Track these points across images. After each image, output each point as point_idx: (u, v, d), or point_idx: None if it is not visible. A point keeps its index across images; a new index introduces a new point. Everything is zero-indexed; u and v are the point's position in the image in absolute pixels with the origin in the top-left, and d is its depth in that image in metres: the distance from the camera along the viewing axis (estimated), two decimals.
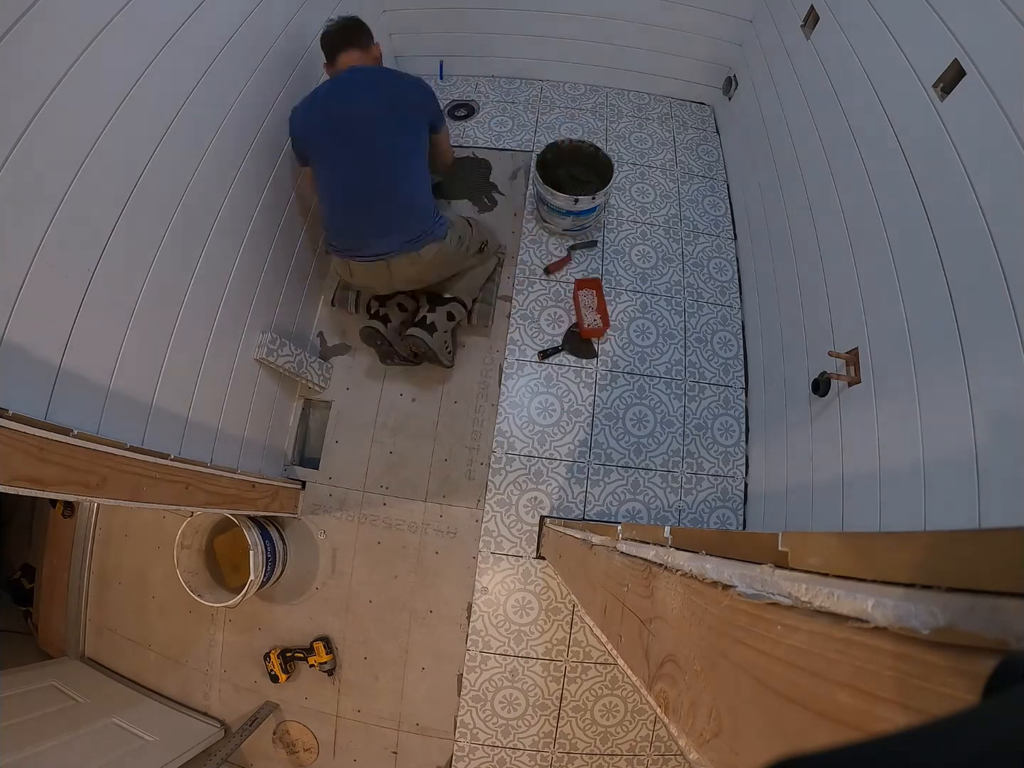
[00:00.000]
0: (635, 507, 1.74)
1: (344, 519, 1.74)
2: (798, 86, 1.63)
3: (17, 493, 0.81)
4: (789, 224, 1.65)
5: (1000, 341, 0.84)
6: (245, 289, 1.48)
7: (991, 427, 0.85)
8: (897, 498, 1.05)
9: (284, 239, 1.65)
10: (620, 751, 1.61)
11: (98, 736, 1.43)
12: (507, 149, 2.21)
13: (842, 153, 1.37)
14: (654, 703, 0.44)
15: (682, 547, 0.45)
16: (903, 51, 1.15)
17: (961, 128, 0.97)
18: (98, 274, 0.97)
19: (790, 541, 0.29)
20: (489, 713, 1.62)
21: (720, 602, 0.33)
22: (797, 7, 1.64)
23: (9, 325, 0.81)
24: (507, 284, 1.97)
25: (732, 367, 1.90)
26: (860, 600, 0.21)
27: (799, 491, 1.44)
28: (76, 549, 1.81)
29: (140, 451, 1.08)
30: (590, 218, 1.96)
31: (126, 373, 1.07)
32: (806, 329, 1.50)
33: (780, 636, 0.26)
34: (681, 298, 1.98)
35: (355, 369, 1.89)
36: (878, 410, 1.14)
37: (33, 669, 1.62)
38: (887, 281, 1.14)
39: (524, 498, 1.74)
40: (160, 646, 1.74)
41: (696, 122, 2.35)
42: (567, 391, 1.84)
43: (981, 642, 0.16)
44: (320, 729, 1.65)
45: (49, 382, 0.90)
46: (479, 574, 1.69)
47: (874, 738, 0.13)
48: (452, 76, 2.44)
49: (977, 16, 0.96)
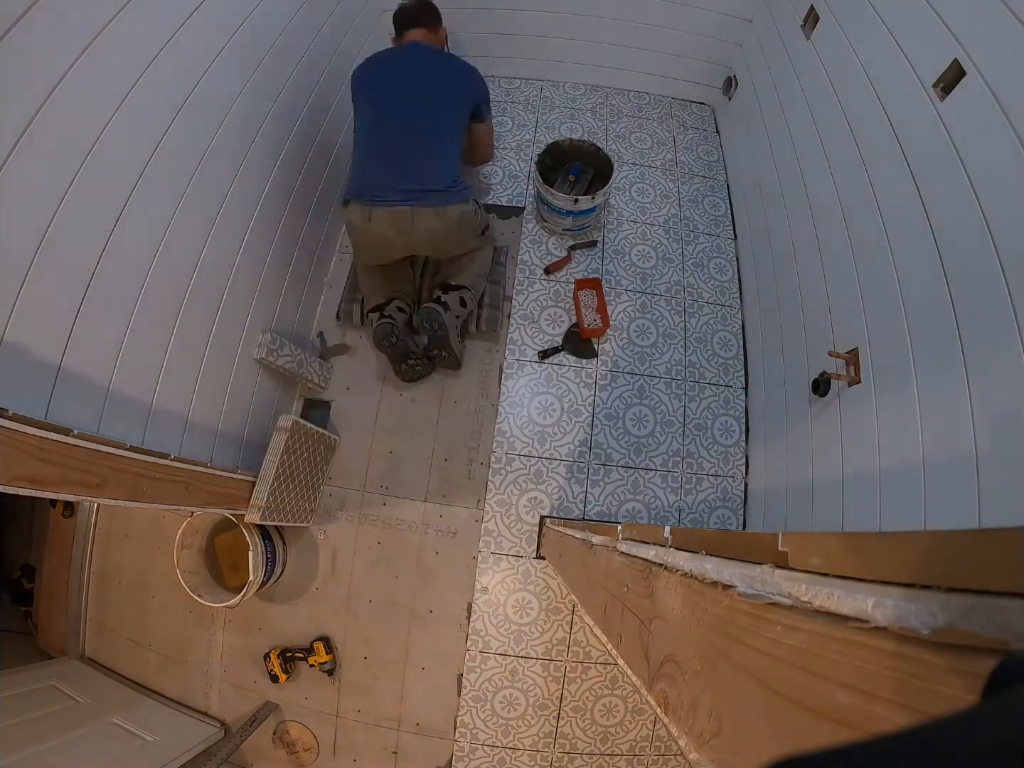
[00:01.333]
0: (635, 507, 1.74)
1: (344, 519, 1.74)
2: (798, 86, 1.63)
3: (17, 493, 0.81)
4: (789, 224, 1.65)
5: (1000, 341, 0.84)
6: (245, 288, 1.48)
7: (991, 427, 0.85)
8: (897, 498, 1.05)
9: (285, 238, 1.65)
10: (620, 751, 1.61)
11: (98, 736, 1.43)
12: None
13: (842, 153, 1.37)
14: (654, 703, 0.44)
15: (682, 547, 0.44)
16: (903, 51, 1.15)
17: (961, 128, 0.97)
18: (98, 274, 0.97)
19: (790, 541, 0.29)
20: (489, 713, 1.62)
21: (720, 602, 0.33)
22: (797, 7, 1.64)
23: (9, 325, 0.81)
24: (507, 284, 1.97)
25: (732, 367, 1.90)
26: (860, 600, 0.21)
27: (799, 491, 1.44)
28: (76, 549, 1.81)
29: (140, 451, 1.08)
30: (590, 218, 1.96)
31: (126, 373, 1.07)
32: (806, 329, 1.50)
33: (780, 636, 0.26)
34: (681, 298, 1.98)
35: (355, 369, 1.88)
36: (878, 410, 1.14)
37: (33, 669, 1.62)
38: (887, 281, 1.14)
39: (524, 498, 1.74)
40: (160, 646, 1.74)
41: (696, 122, 2.35)
42: (567, 391, 1.84)
43: (981, 642, 0.16)
44: (320, 729, 1.65)
45: (49, 382, 0.90)
46: (479, 574, 1.69)
47: (874, 738, 0.13)
48: None
49: (977, 16, 0.96)
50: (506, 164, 2.21)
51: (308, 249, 1.83)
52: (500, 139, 2.27)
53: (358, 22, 1.96)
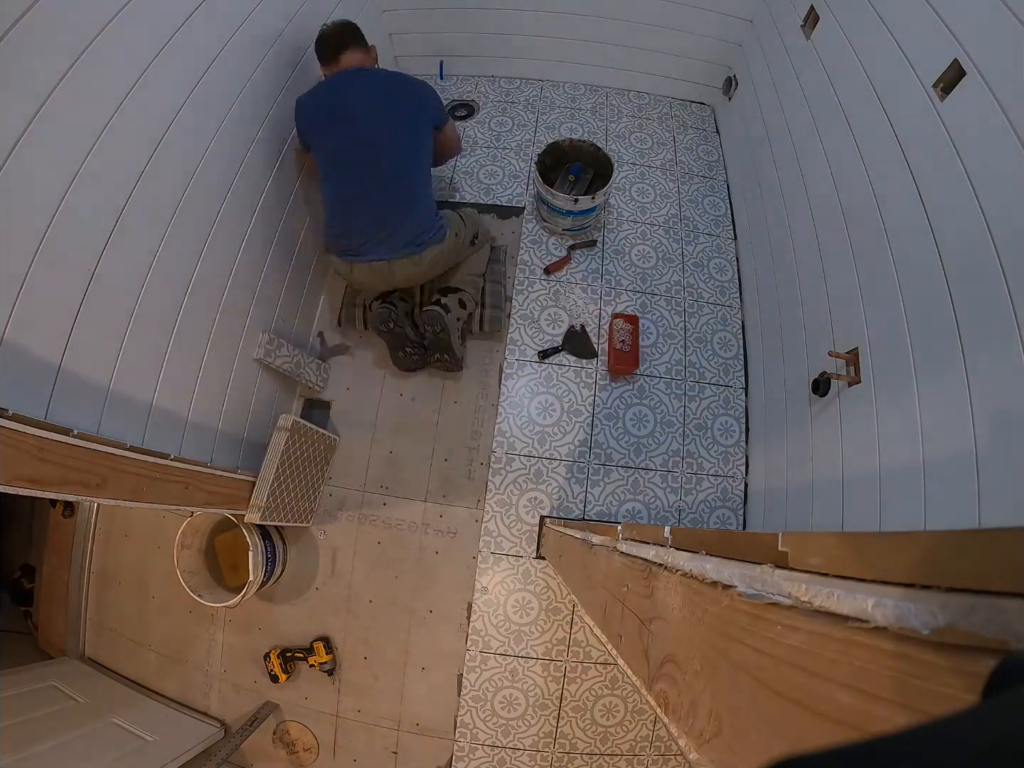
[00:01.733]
0: (635, 507, 1.74)
1: (344, 519, 1.74)
2: (798, 86, 1.63)
3: (17, 493, 0.81)
4: (789, 224, 1.65)
5: (1000, 341, 0.84)
6: (245, 289, 1.48)
7: (991, 427, 0.85)
8: (897, 498, 1.05)
9: (284, 237, 1.65)
10: (620, 751, 1.61)
11: (98, 736, 1.43)
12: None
13: (842, 153, 1.37)
14: (654, 703, 0.44)
15: (682, 547, 0.44)
16: (903, 51, 1.15)
17: (961, 128, 0.97)
18: (98, 274, 0.97)
19: (790, 541, 0.29)
20: (489, 713, 1.62)
21: (720, 602, 0.33)
22: (797, 7, 1.64)
23: (9, 325, 0.81)
24: (507, 284, 1.97)
25: (732, 367, 1.90)
26: (860, 600, 0.21)
27: (799, 491, 1.44)
28: (76, 549, 1.81)
29: (140, 451, 1.08)
30: (590, 218, 1.96)
31: (126, 373, 1.07)
32: (806, 329, 1.50)
33: (780, 636, 0.26)
34: (681, 298, 1.98)
35: (355, 369, 1.88)
36: (878, 410, 1.14)
37: (33, 669, 1.62)
38: (887, 281, 1.14)
39: (524, 498, 1.74)
40: (160, 646, 1.74)
41: (696, 122, 2.35)
42: (567, 391, 1.84)
43: (981, 642, 0.16)
44: (320, 729, 1.65)
45: (49, 382, 0.90)
46: (479, 574, 1.69)
47: (874, 738, 0.13)
48: (452, 76, 2.45)
49: (977, 16, 0.96)
50: (506, 164, 2.21)
51: (308, 249, 1.83)
52: (500, 138, 2.27)
53: (359, 20, 1.96)
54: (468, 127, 2.30)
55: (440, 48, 2.35)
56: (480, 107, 2.36)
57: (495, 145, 2.26)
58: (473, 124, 2.31)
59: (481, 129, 2.30)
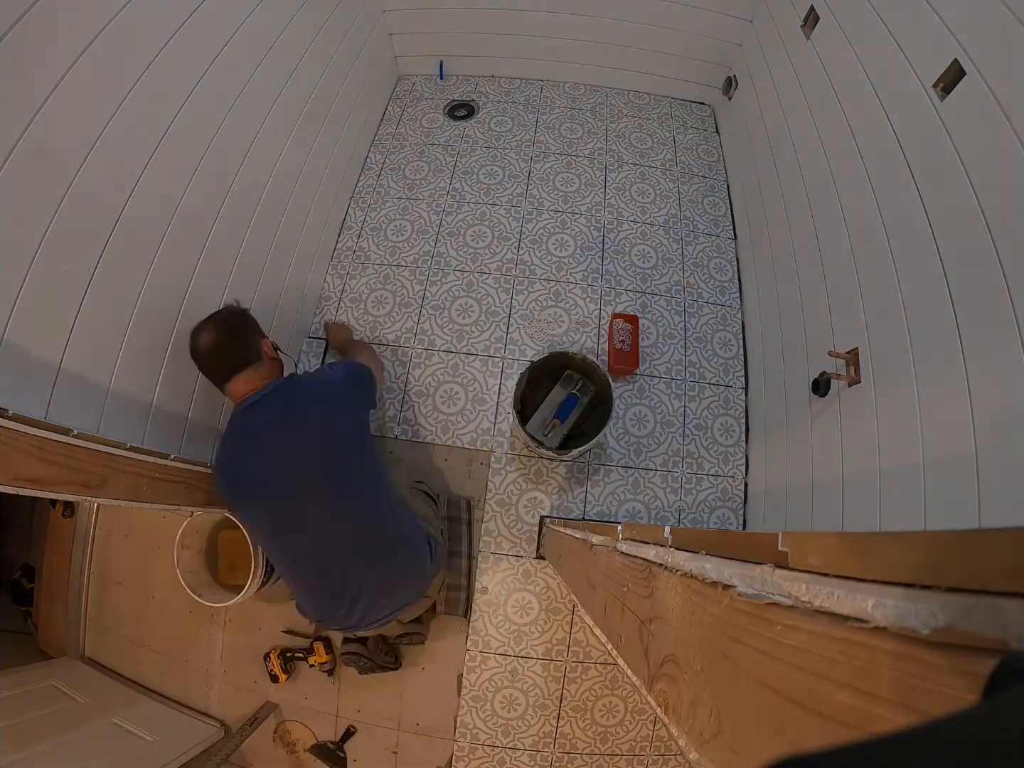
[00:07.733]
0: (635, 507, 1.74)
1: None
2: (798, 86, 1.63)
3: (17, 493, 0.81)
4: (789, 224, 1.65)
5: (1000, 341, 0.84)
6: (245, 289, 1.48)
7: (991, 427, 0.85)
8: (897, 498, 1.05)
9: (283, 237, 1.65)
10: (620, 751, 1.61)
11: (98, 736, 1.43)
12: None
13: (842, 153, 1.37)
14: (654, 703, 0.44)
15: (682, 547, 0.44)
16: (903, 51, 1.15)
17: (961, 128, 0.97)
18: (98, 274, 0.97)
19: (790, 541, 0.29)
20: (489, 713, 1.62)
21: (720, 602, 0.33)
22: (797, 7, 1.64)
23: (9, 325, 0.81)
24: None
25: (732, 367, 1.90)
26: (860, 600, 0.21)
27: (799, 491, 1.44)
28: (76, 549, 1.81)
29: (140, 451, 1.08)
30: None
31: (126, 373, 1.07)
32: (806, 329, 1.50)
33: (780, 636, 0.26)
34: (681, 298, 1.98)
35: None
36: (878, 410, 1.14)
37: (33, 669, 1.62)
38: (887, 281, 1.14)
39: (524, 498, 1.74)
40: (160, 646, 1.73)
41: (696, 122, 2.35)
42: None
43: (981, 642, 0.16)
44: (320, 729, 1.65)
45: (49, 382, 0.90)
46: (479, 574, 1.69)
47: (874, 738, 0.13)
48: (452, 76, 2.45)
49: (977, 16, 0.96)
50: (506, 164, 2.20)
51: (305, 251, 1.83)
52: (500, 138, 2.27)
53: (360, 20, 1.96)
54: (468, 127, 2.30)
55: (440, 48, 2.35)
56: (480, 107, 2.36)
57: (495, 145, 2.26)
58: (473, 124, 2.32)
59: (481, 129, 2.30)
